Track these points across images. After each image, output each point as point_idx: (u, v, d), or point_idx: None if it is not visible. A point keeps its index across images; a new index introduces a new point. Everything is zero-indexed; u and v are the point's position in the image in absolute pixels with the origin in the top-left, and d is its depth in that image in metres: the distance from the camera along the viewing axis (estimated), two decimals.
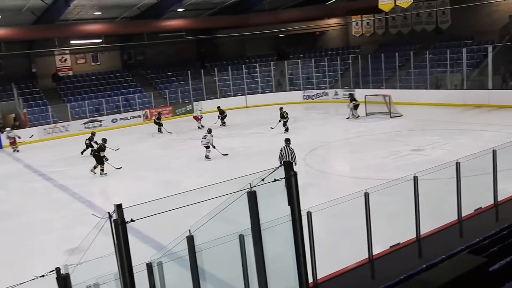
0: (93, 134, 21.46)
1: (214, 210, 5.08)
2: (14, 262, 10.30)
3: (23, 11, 26.94)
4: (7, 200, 15.48)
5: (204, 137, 18.23)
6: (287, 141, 13.82)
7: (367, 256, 7.32)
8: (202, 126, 25.11)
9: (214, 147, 17.99)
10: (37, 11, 27.66)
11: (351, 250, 8.40)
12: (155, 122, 26.88)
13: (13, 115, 29.20)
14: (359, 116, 24.27)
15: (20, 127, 27.64)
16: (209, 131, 18.52)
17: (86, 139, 21.18)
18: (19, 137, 24.69)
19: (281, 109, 23.22)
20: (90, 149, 19.91)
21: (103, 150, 17.40)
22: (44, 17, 28.10)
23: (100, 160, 17.20)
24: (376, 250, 7.41)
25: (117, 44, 34.16)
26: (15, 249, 11.17)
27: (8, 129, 25.20)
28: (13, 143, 24.39)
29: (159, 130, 26.17)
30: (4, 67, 31.44)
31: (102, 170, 17.24)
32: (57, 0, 26.04)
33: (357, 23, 36.73)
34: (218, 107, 27.66)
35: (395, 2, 23.16)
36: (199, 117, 26.89)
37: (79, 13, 28.71)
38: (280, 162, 15.45)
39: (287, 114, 22.86)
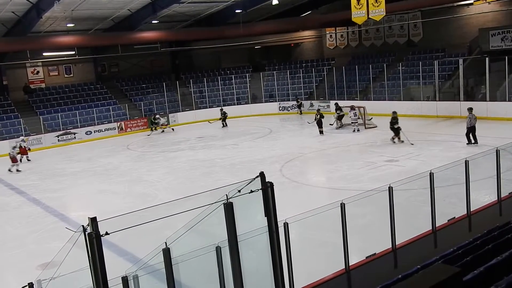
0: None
1: (191, 222, 5.05)
2: None
3: None
4: None
5: None
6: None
7: (343, 267, 7.36)
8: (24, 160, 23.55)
9: None
10: (8, 23, 27.23)
11: (328, 260, 8.43)
12: (151, 122, 29.99)
13: None
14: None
15: None
16: None
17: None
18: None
19: (318, 110, 25.05)
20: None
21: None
22: (15, 29, 27.67)
23: None
24: (352, 261, 7.45)
25: (90, 56, 33.80)
26: None
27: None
28: (23, 152, 23.70)
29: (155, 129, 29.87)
30: None
31: None
32: (29, 12, 25.66)
33: (331, 35, 37.23)
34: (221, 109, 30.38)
35: (368, 15, 23.53)
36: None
37: (51, 25, 28.37)
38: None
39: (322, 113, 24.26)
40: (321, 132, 23.54)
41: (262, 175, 5.33)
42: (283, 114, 33.11)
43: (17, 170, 21.41)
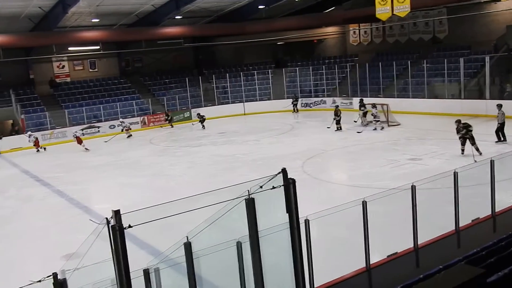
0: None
1: (212, 217, 5.07)
2: (11, 267, 10.25)
3: (21, 18, 26.98)
4: (4, 206, 15.41)
5: None
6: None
7: (364, 265, 7.30)
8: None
9: None
10: (34, 18, 27.70)
11: (348, 258, 8.37)
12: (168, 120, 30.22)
13: (11, 121, 29.15)
14: (367, 123, 24.26)
15: (18, 132, 27.62)
16: None
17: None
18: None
19: (336, 107, 24.55)
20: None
21: None
22: (41, 24, 28.13)
23: None
24: (373, 259, 7.39)
25: (114, 51, 34.23)
26: (11, 255, 11.11)
27: (29, 132, 26.03)
28: (36, 144, 25.16)
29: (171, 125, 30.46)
30: (2, 73, 31.43)
31: None
32: (55, 7, 26.06)
33: (354, 31, 36.90)
34: (198, 114, 29.93)
35: (392, 11, 23.26)
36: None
37: (76, 20, 28.75)
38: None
39: (340, 112, 23.81)
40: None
41: (284, 171, 5.32)
42: (305, 111, 32.97)
43: (86, 149, 24.08)
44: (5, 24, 27.04)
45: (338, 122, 23.64)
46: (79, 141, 24.50)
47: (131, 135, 27.81)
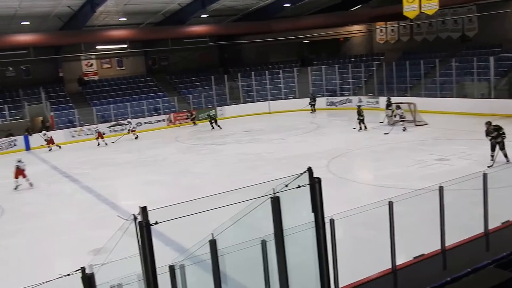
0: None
1: (237, 215, 5.08)
2: (40, 261, 10.49)
3: (50, 17, 27.54)
4: (33, 201, 15.76)
5: None
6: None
7: (390, 266, 7.22)
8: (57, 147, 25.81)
9: None
10: (64, 17, 28.22)
11: (373, 259, 8.30)
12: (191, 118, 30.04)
13: (41, 118, 29.78)
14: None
15: (48, 129, 28.23)
16: None
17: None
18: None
19: (359, 107, 24.29)
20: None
21: None
22: (70, 23, 28.65)
23: None
24: (399, 261, 7.30)
25: (141, 50, 34.62)
26: (40, 249, 11.38)
27: (44, 131, 26.21)
28: (50, 142, 25.67)
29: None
30: (33, 71, 32.21)
31: None
32: (83, 6, 26.52)
33: (381, 29, 36.48)
34: (208, 114, 29.99)
35: (420, 9, 22.93)
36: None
37: (104, 19, 29.19)
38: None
39: (363, 112, 23.66)
40: (362, 128, 23.21)
41: (310, 170, 5.30)
42: (330, 110, 32.77)
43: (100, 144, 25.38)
44: (36, 23, 27.64)
45: (362, 122, 23.43)
46: (100, 136, 25.54)
47: (137, 136, 27.24)
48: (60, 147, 25.90)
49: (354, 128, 23.63)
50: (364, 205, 7.19)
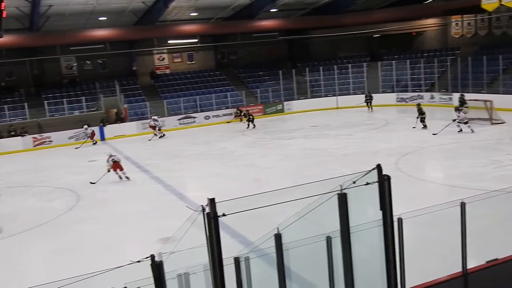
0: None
1: (303, 210, 5.08)
2: (110, 247, 10.96)
3: (125, 13, 28.65)
4: (106, 190, 16.49)
5: None
6: None
7: (460, 270, 6.95)
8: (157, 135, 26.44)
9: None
10: (138, 13, 29.26)
11: (443, 261, 8.01)
12: (247, 116, 28.49)
13: (115, 110, 31.10)
14: (467, 121, 22.80)
15: (123, 121, 29.45)
16: None
17: None
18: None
19: (418, 104, 23.44)
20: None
21: None
22: (144, 18, 29.66)
23: None
24: (470, 264, 7.01)
25: (211, 44, 35.26)
26: (111, 236, 11.90)
27: (86, 126, 26.67)
28: (91, 136, 26.53)
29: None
30: (108, 65, 33.73)
31: None
32: (157, 2, 27.36)
33: (457, 23, 34.95)
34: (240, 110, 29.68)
35: (500, 1, 21.77)
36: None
37: (176, 14, 29.96)
38: None
39: (423, 110, 22.88)
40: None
41: (379, 167, 5.19)
42: (401, 106, 31.86)
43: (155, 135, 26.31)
44: (112, 18, 28.85)
45: (422, 120, 22.60)
46: (153, 128, 26.35)
47: (163, 134, 26.97)
48: (95, 143, 26.44)
49: (413, 127, 22.80)
50: (434, 205, 6.95)
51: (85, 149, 25.18)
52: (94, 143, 26.52)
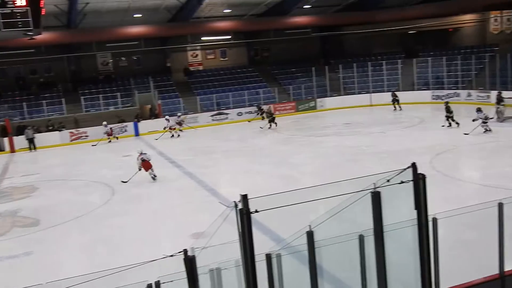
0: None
1: (336, 208, 5.04)
2: (144, 241, 11.13)
3: (160, 10, 28.98)
4: (140, 185, 16.72)
5: None
6: None
7: (497, 272, 6.77)
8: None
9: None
10: (172, 10, 29.56)
11: (478, 263, 7.84)
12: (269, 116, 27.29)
13: (149, 106, 31.55)
14: (504, 119, 22.18)
15: (157, 116, 29.84)
16: None
17: None
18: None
19: (446, 103, 22.91)
20: None
21: None
22: (178, 15, 29.94)
23: None
24: (508, 267, 6.83)
25: (244, 41, 35.32)
26: (145, 230, 12.06)
27: (105, 122, 26.60)
28: (110, 134, 26.48)
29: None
30: (143, 62, 34.25)
31: None
32: None
33: (496, 19, 34.00)
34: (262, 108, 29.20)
35: None
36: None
37: (210, 10, 30.13)
38: None
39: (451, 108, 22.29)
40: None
41: (414, 166, 5.10)
42: (436, 104, 31.21)
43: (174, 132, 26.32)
44: (147, 15, 29.24)
45: (451, 119, 22.05)
46: (179, 124, 26.79)
47: (178, 135, 26.68)
48: (110, 141, 26.27)
49: (442, 126, 22.27)
50: (470, 205, 6.80)
51: (120, 144, 25.62)
52: (109, 141, 26.35)
